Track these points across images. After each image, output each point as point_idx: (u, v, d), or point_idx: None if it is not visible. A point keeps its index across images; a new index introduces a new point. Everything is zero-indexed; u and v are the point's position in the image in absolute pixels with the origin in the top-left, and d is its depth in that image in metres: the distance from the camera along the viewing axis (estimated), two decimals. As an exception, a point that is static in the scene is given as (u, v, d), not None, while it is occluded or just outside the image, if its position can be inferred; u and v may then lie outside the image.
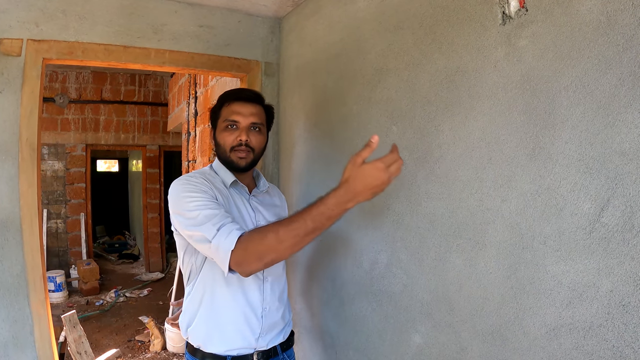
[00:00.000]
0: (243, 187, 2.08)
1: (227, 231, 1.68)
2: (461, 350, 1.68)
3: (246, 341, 1.98)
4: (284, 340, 2.14)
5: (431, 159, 1.81)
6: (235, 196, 2.04)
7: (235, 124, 2.00)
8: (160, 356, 5.57)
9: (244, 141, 1.99)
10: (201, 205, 1.78)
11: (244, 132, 1.99)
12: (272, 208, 2.19)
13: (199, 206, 1.77)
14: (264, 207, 2.13)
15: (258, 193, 2.16)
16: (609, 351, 1.20)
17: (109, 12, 2.62)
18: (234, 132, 2.00)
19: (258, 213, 2.08)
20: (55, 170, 9.01)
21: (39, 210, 2.45)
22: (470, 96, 1.63)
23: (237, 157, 2.00)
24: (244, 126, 2.00)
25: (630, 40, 1.15)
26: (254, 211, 2.07)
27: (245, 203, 2.06)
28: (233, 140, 2.00)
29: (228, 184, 2.03)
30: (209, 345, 1.97)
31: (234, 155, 2.00)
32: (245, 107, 2.02)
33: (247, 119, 2.00)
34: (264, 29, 3.09)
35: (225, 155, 2.03)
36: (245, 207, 2.05)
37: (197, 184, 1.87)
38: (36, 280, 2.41)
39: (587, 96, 1.25)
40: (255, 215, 2.06)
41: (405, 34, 1.94)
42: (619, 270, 1.17)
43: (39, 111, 2.46)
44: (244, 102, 2.03)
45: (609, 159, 1.20)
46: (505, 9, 1.48)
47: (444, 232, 1.75)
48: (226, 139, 2.01)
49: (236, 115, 2.00)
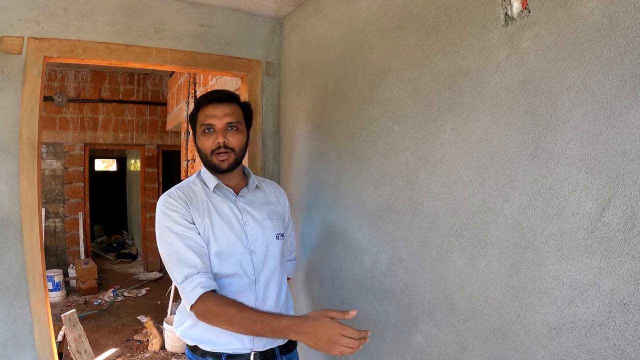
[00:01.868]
0: (228, 190, 2.08)
1: (192, 285, 1.83)
2: (462, 349, 1.69)
3: (240, 342, 1.97)
4: (283, 343, 2.08)
5: (433, 159, 1.82)
6: (218, 201, 2.05)
7: (211, 127, 2.01)
8: (159, 356, 5.56)
9: (222, 143, 2.00)
10: (175, 239, 1.90)
11: (220, 134, 2.00)
12: (263, 206, 2.18)
13: (173, 240, 1.90)
14: (253, 207, 2.12)
15: (246, 192, 2.14)
16: (610, 350, 1.21)
17: (110, 11, 2.62)
18: (211, 136, 2.01)
19: (246, 214, 2.08)
20: (54, 170, 8.99)
21: (39, 209, 2.45)
22: (473, 97, 1.63)
23: (218, 160, 2.02)
24: (219, 128, 2.01)
25: (632, 42, 1.16)
26: (240, 212, 2.07)
27: (232, 205, 2.06)
28: (211, 144, 2.01)
29: (211, 188, 2.05)
30: (205, 345, 1.98)
31: (215, 158, 2.02)
32: (218, 109, 2.02)
33: (221, 120, 2.01)
34: (265, 28, 3.10)
35: (207, 159, 2.05)
36: (231, 209, 2.05)
37: (175, 210, 1.95)
38: (36, 279, 2.41)
39: (589, 97, 1.26)
40: (242, 216, 2.06)
41: (407, 35, 1.95)
42: (620, 269, 1.18)
43: (40, 109, 2.46)
44: (217, 104, 2.03)
45: (610, 159, 1.21)
46: (508, 10, 1.49)
47: (446, 232, 1.76)
48: (205, 143, 2.03)
49: (211, 119, 2.01)
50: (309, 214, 2.75)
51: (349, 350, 1.59)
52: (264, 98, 3.12)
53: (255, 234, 2.06)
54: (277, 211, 2.23)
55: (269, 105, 3.14)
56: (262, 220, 2.11)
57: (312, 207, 2.72)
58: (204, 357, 1.98)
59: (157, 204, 2.00)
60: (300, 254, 2.86)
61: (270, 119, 3.15)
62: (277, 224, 2.17)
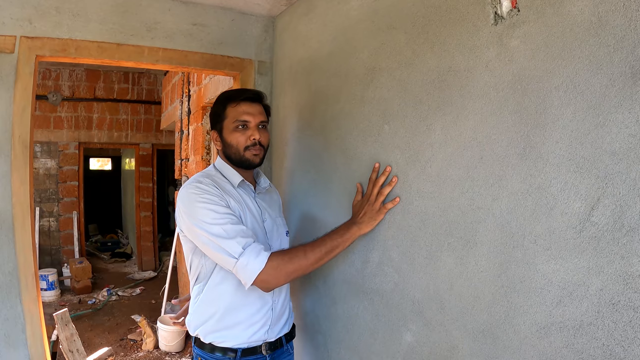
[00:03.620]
0: (249, 186, 2.16)
1: (256, 252, 1.83)
2: (452, 349, 1.69)
3: (257, 335, 2.07)
4: (288, 331, 2.25)
5: (422, 158, 1.81)
6: (243, 196, 2.11)
7: (246, 123, 2.08)
8: (153, 355, 5.56)
9: (258, 139, 2.08)
10: (219, 219, 1.87)
11: (256, 131, 2.08)
12: (274, 204, 2.31)
13: (218, 220, 1.87)
14: (268, 204, 2.22)
15: (261, 190, 2.23)
16: (599, 349, 1.21)
17: (102, 10, 2.61)
18: (245, 132, 2.08)
19: (264, 211, 2.17)
20: (48, 169, 8.98)
21: (31, 208, 2.44)
22: (462, 96, 1.63)
23: (252, 155, 2.09)
24: (254, 125, 2.09)
25: (621, 41, 1.16)
26: (260, 209, 2.14)
27: (253, 201, 2.13)
28: (246, 139, 2.08)
29: (236, 184, 2.10)
30: (222, 342, 2.04)
31: (248, 153, 2.08)
32: (252, 107, 2.11)
33: (256, 118, 2.09)
34: (257, 27, 3.09)
35: (238, 154, 2.10)
36: (253, 205, 2.12)
37: (212, 194, 1.93)
38: (28, 278, 2.40)
39: (577, 96, 1.26)
40: (261, 212, 2.14)
41: (397, 34, 1.95)
42: (609, 269, 1.18)
43: (32, 108, 2.45)
44: (252, 102, 2.12)
45: (599, 158, 1.21)
46: (498, 9, 1.49)
47: (435, 231, 1.76)
48: (239, 139, 2.08)
49: (246, 116, 2.08)
50: (300, 212, 2.74)
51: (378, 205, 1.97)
52: (257, 97, 3.10)
53: (272, 231, 2.16)
54: (281, 209, 2.37)
55: (262, 105, 3.12)
56: (275, 218, 2.23)
57: (304, 206, 2.71)
58: (216, 353, 2.04)
59: (184, 191, 1.98)
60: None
61: (263, 118, 3.13)
62: (284, 221, 2.31)
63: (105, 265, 10.58)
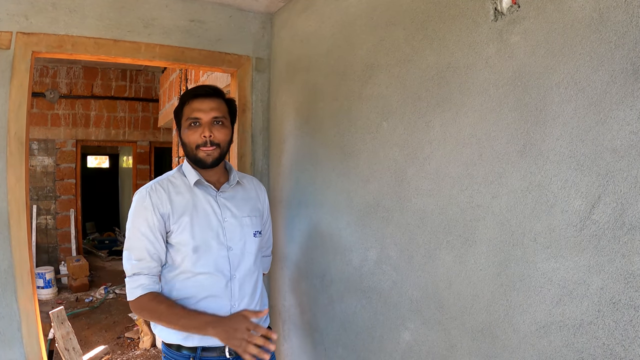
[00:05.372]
0: (208, 186, 2.09)
1: (136, 283, 1.94)
2: (450, 348, 1.68)
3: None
4: None
5: (421, 155, 1.80)
6: (199, 196, 2.07)
7: (197, 121, 2.02)
8: (150, 353, 5.54)
9: (209, 137, 2.01)
10: (134, 235, 1.97)
11: (206, 128, 2.01)
12: (244, 202, 2.18)
13: (132, 235, 1.98)
14: (233, 203, 2.13)
15: (227, 188, 2.15)
16: (599, 349, 1.20)
17: (99, 6, 2.60)
18: (197, 130, 2.02)
19: (225, 210, 2.09)
20: (45, 166, 8.95)
21: (27, 205, 2.43)
22: (461, 92, 1.62)
23: (203, 155, 2.03)
24: (206, 122, 2.02)
25: (622, 38, 1.14)
26: (220, 208, 2.08)
27: (212, 201, 2.07)
28: (197, 137, 2.02)
29: (192, 184, 2.06)
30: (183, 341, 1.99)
31: (200, 152, 2.03)
32: (204, 103, 2.03)
33: (208, 115, 2.02)
34: (255, 24, 3.08)
35: (191, 153, 2.05)
36: (210, 205, 2.06)
37: (144, 207, 1.98)
38: (24, 275, 2.39)
39: (578, 93, 1.25)
40: (221, 212, 2.08)
41: (396, 30, 1.93)
42: (610, 267, 1.17)
43: (28, 105, 2.44)
44: (203, 98, 2.04)
45: (600, 156, 1.19)
46: (497, 5, 1.47)
47: (434, 229, 1.75)
48: (190, 137, 2.03)
49: (197, 112, 2.02)
50: (298, 210, 2.73)
51: (253, 348, 1.75)
52: (254, 94, 3.10)
53: (233, 231, 2.08)
54: (257, 207, 2.25)
55: (259, 102, 3.12)
56: (241, 217, 2.12)
57: (301, 204, 2.70)
58: (179, 351, 2.00)
59: (135, 195, 2.02)
60: (289, 251, 2.85)
61: (260, 115, 3.13)
62: (255, 221, 2.18)
63: (103, 264, 10.54)
